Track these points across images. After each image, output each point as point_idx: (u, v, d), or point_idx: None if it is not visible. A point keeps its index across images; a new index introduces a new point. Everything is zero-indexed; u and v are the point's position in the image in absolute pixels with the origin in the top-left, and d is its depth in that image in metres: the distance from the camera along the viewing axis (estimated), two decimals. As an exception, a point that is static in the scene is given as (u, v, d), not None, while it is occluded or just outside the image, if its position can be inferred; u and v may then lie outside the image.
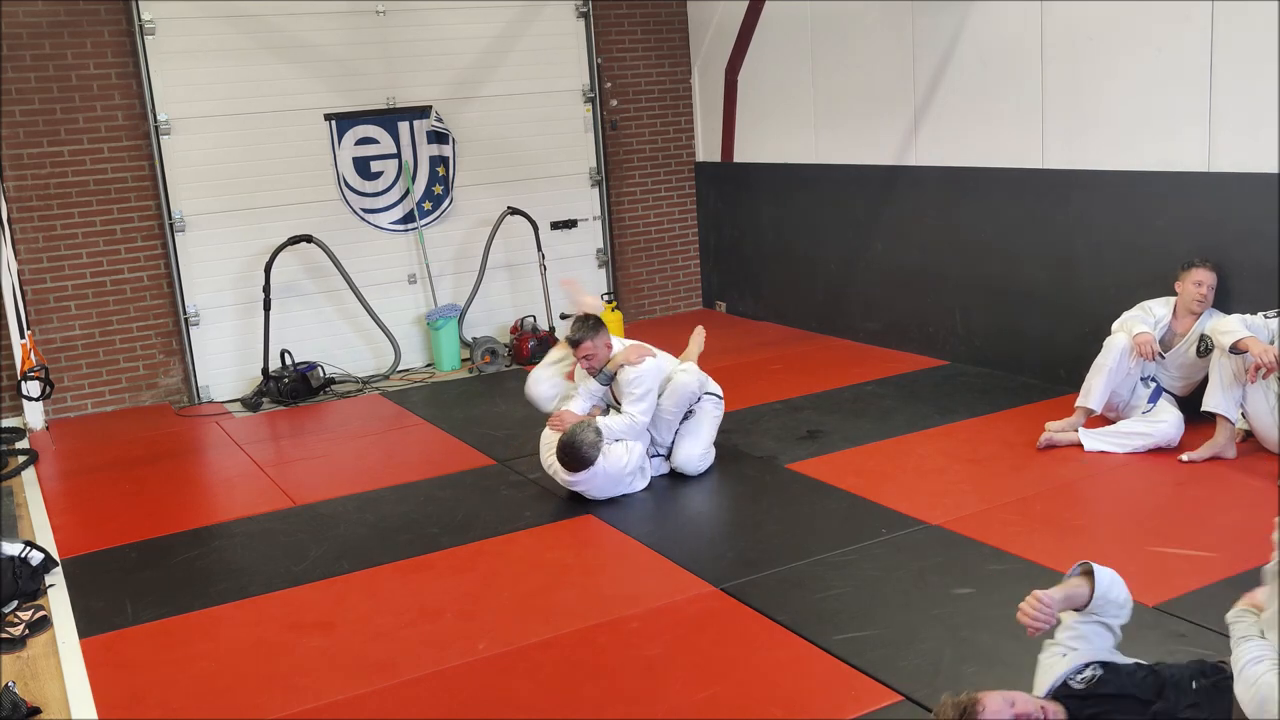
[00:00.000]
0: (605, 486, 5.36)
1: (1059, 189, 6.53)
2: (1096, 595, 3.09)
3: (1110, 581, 3.15)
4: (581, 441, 5.21)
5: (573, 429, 5.28)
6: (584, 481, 5.32)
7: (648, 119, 9.45)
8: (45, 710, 3.79)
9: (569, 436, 5.24)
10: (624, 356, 5.55)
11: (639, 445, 5.49)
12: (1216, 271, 5.57)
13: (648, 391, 5.50)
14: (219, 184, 7.86)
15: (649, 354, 5.61)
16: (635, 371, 5.50)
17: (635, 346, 5.64)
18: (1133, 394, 5.67)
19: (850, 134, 8.00)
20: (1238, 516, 4.62)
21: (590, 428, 5.29)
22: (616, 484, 5.39)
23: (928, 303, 7.59)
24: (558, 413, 5.59)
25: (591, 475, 5.29)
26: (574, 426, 5.29)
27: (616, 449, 5.37)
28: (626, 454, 5.39)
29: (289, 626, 4.32)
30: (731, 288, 9.61)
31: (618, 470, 5.35)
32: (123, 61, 7.54)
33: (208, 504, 6.02)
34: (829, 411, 6.56)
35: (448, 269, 8.69)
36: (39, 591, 4.71)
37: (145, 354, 7.90)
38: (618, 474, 5.36)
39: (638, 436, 5.51)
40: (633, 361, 5.52)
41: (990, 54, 6.81)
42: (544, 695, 3.67)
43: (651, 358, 5.60)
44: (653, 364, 5.57)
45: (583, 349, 5.52)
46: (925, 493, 5.14)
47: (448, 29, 8.42)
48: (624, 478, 5.40)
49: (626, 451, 5.40)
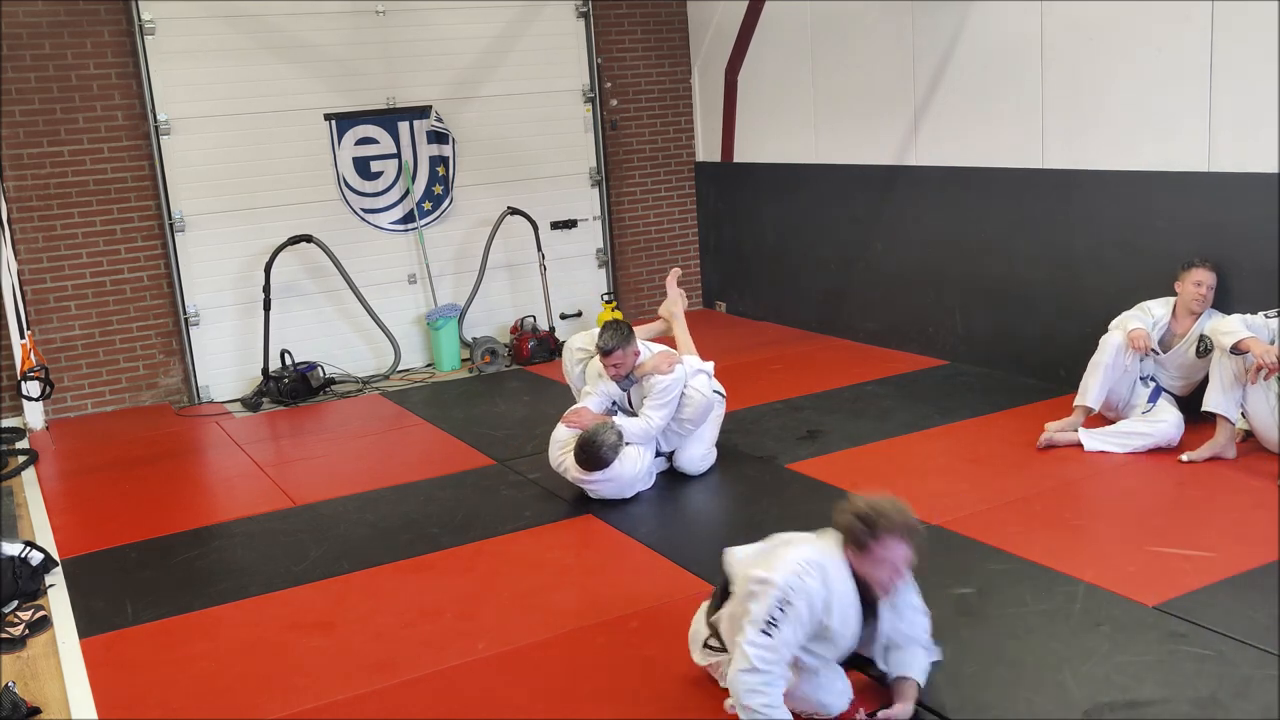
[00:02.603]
0: (616, 489, 5.35)
1: (1059, 189, 6.53)
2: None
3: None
4: (603, 443, 5.19)
5: (595, 429, 5.25)
6: (597, 483, 5.30)
7: (648, 119, 9.45)
8: (45, 710, 3.79)
9: (591, 435, 5.22)
10: (654, 365, 5.50)
11: (649, 452, 5.48)
12: (1216, 271, 5.57)
13: (672, 400, 5.47)
14: (219, 184, 7.86)
15: (677, 362, 5.57)
16: (666, 380, 5.45)
17: (665, 354, 5.58)
18: (1132, 393, 5.67)
19: (850, 134, 8.00)
20: (1238, 516, 4.62)
21: (612, 429, 5.26)
22: (627, 488, 5.37)
23: (928, 303, 7.59)
24: (574, 410, 5.57)
25: (607, 478, 5.28)
26: (596, 426, 5.27)
27: (630, 453, 5.35)
28: (639, 459, 5.38)
29: (289, 626, 4.32)
30: (731, 288, 9.61)
31: (631, 475, 5.33)
32: (123, 61, 7.54)
33: (208, 504, 6.02)
34: (829, 411, 6.56)
35: (448, 269, 8.69)
36: (39, 591, 4.71)
37: (145, 354, 7.90)
38: (631, 479, 5.34)
39: (647, 442, 5.47)
40: (663, 371, 5.47)
41: (990, 54, 6.81)
42: (544, 695, 3.67)
43: (680, 364, 5.57)
44: (681, 372, 5.54)
45: (613, 358, 5.47)
46: (925, 493, 5.14)
47: (448, 29, 8.42)
48: (636, 483, 5.39)
49: (639, 456, 5.38)
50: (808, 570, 3.20)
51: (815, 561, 3.22)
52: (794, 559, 3.24)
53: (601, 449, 5.19)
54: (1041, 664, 3.59)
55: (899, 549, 3.17)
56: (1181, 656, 3.58)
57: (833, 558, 3.25)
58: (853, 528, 3.19)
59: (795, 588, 3.17)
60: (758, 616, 3.18)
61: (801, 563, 3.21)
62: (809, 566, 3.21)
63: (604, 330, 5.54)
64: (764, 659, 3.16)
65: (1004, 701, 3.40)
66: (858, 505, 3.20)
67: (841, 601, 3.23)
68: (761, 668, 3.16)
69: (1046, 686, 3.46)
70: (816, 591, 3.19)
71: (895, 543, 3.16)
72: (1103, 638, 3.72)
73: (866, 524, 3.16)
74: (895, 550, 3.17)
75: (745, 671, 3.18)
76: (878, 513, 3.15)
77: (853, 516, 3.19)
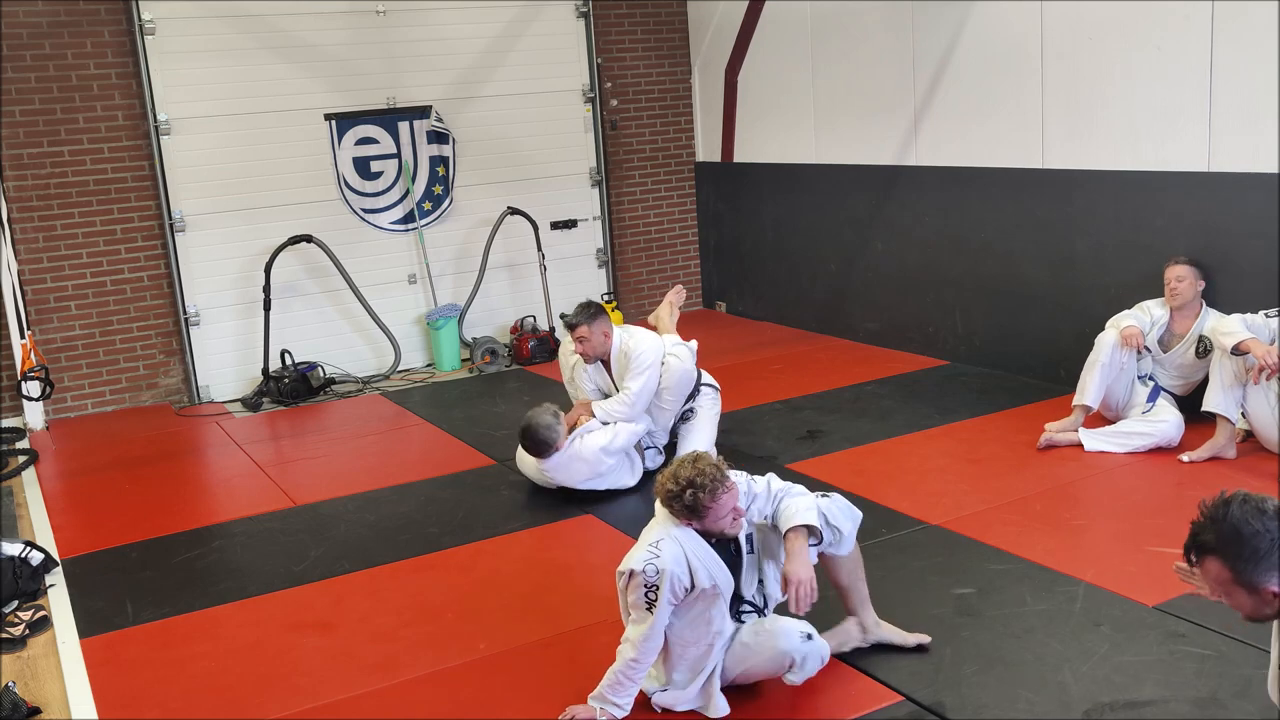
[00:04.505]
0: (582, 471, 5.30)
1: (1059, 189, 6.53)
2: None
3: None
4: (539, 423, 5.21)
5: (530, 413, 5.28)
6: (559, 469, 5.29)
7: (648, 119, 9.45)
8: (45, 710, 3.79)
9: (526, 420, 5.26)
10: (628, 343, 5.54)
11: (629, 428, 5.41)
12: (1195, 265, 5.59)
13: (649, 368, 5.44)
14: (219, 184, 7.85)
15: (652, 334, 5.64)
16: (642, 348, 5.47)
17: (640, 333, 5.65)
18: (1131, 393, 5.67)
19: (850, 134, 8.00)
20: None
21: (547, 410, 5.28)
22: (595, 468, 5.31)
23: (928, 303, 7.59)
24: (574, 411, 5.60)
25: (564, 460, 5.25)
26: (531, 411, 5.30)
27: (597, 434, 5.34)
28: (610, 437, 5.33)
29: (289, 626, 4.32)
30: (731, 288, 9.61)
31: (594, 454, 5.28)
32: (123, 61, 7.54)
33: (208, 504, 6.02)
34: (829, 411, 6.56)
35: (448, 269, 8.69)
36: (39, 591, 4.71)
37: (145, 354, 7.90)
38: (595, 458, 5.28)
39: (631, 417, 5.43)
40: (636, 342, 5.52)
41: (990, 54, 6.81)
42: (544, 695, 3.67)
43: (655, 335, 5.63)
44: (655, 340, 5.57)
45: (578, 332, 5.48)
46: (925, 493, 5.14)
47: (448, 29, 8.42)
48: (604, 462, 5.31)
49: (611, 434, 5.35)
50: (657, 548, 3.34)
51: (662, 539, 3.36)
52: (643, 544, 3.39)
53: (539, 430, 5.20)
54: (1041, 664, 3.59)
55: (728, 498, 3.33)
56: (1181, 656, 3.58)
57: (676, 527, 3.39)
58: (682, 508, 3.33)
59: (655, 569, 3.31)
60: (636, 604, 3.34)
61: (650, 545, 3.36)
62: (657, 545, 3.35)
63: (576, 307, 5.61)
64: (643, 645, 3.34)
65: (1004, 701, 3.40)
66: (675, 486, 3.31)
67: (704, 560, 3.37)
68: (640, 658, 3.35)
69: (1046, 686, 3.46)
70: (676, 561, 3.32)
71: (723, 496, 3.31)
72: (1103, 638, 3.72)
73: (692, 502, 3.29)
74: (725, 501, 3.32)
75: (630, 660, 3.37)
76: (694, 485, 3.27)
77: (674, 500, 3.32)
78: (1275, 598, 2.49)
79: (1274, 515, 2.49)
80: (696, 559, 3.35)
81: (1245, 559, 2.48)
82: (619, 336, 5.58)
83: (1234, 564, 2.51)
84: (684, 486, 3.29)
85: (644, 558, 3.33)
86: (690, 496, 3.28)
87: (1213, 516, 2.56)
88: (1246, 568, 2.49)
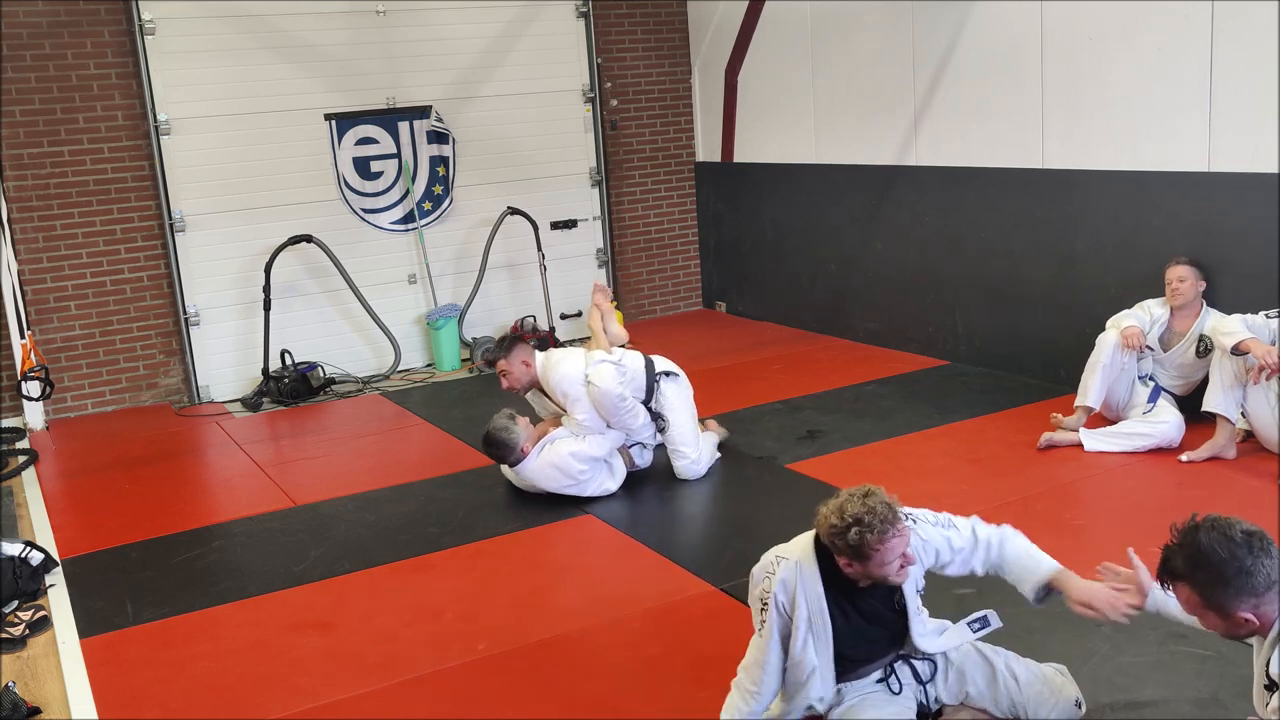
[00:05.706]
0: (557, 478, 5.31)
1: (1059, 189, 6.53)
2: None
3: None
4: (493, 427, 5.31)
5: (490, 421, 5.35)
6: (534, 474, 5.33)
7: (648, 119, 9.45)
8: (45, 710, 3.79)
9: (486, 429, 5.34)
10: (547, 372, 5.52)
11: (597, 438, 5.40)
12: (1195, 266, 5.58)
13: (578, 397, 5.40)
14: (219, 184, 7.85)
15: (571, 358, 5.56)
16: (556, 375, 5.45)
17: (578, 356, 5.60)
18: (1131, 393, 5.67)
19: (850, 134, 8.00)
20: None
21: (502, 414, 5.36)
22: (571, 474, 5.31)
23: (928, 303, 7.59)
24: None
25: (538, 466, 5.29)
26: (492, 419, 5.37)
27: (566, 440, 5.35)
28: (580, 444, 5.33)
29: (289, 626, 4.32)
30: (731, 288, 9.61)
31: (564, 459, 5.28)
32: (123, 61, 7.54)
33: (208, 504, 6.02)
34: (829, 411, 6.56)
35: (448, 269, 8.69)
36: (39, 591, 4.71)
37: (145, 354, 7.90)
38: (565, 463, 5.29)
39: (599, 431, 5.44)
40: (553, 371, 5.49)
41: (990, 54, 6.81)
42: (544, 695, 3.67)
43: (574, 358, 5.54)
44: (572, 367, 5.47)
45: (497, 367, 5.56)
46: (925, 493, 5.14)
47: (448, 29, 8.41)
48: (577, 468, 5.30)
49: (581, 442, 5.34)
50: (776, 565, 3.08)
51: (785, 558, 3.10)
52: (771, 551, 3.14)
53: (494, 432, 5.29)
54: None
55: (898, 542, 2.95)
56: (1182, 657, 3.58)
57: (810, 562, 3.06)
58: (845, 547, 2.95)
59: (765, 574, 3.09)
60: (752, 614, 3.12)
61: (777, 554, 3.12)
62: (777, 562, 3.09)
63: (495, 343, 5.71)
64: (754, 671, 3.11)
65: (1004, 701, 3.39)
66: (840, 522, 2.93)
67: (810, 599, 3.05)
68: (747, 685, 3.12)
69: (1046, 686, 3.45)
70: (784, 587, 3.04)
71: (893, 540, 2.93)
72: (1103, 638, 3.72)
73: (858, 542, 2.91)
74: (895, 546, 2.94)
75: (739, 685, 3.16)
76: (861, 524, 2.89)
77: (837, 537, 2.94)
78: (1246, 621, 2.55)
79: (1242, 541, 2.54)
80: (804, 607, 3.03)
81: (1213, 585, 2.55)
82: (540, 362, 5.56)
83: (1203, 590, 2.57)
84: (849, 524, 2.89)
85: (764, 565, 3.11)
86: (855, 535, 2.88)
87: (1181, 543, 2.61)
88: (1215, 593, 2.55)
